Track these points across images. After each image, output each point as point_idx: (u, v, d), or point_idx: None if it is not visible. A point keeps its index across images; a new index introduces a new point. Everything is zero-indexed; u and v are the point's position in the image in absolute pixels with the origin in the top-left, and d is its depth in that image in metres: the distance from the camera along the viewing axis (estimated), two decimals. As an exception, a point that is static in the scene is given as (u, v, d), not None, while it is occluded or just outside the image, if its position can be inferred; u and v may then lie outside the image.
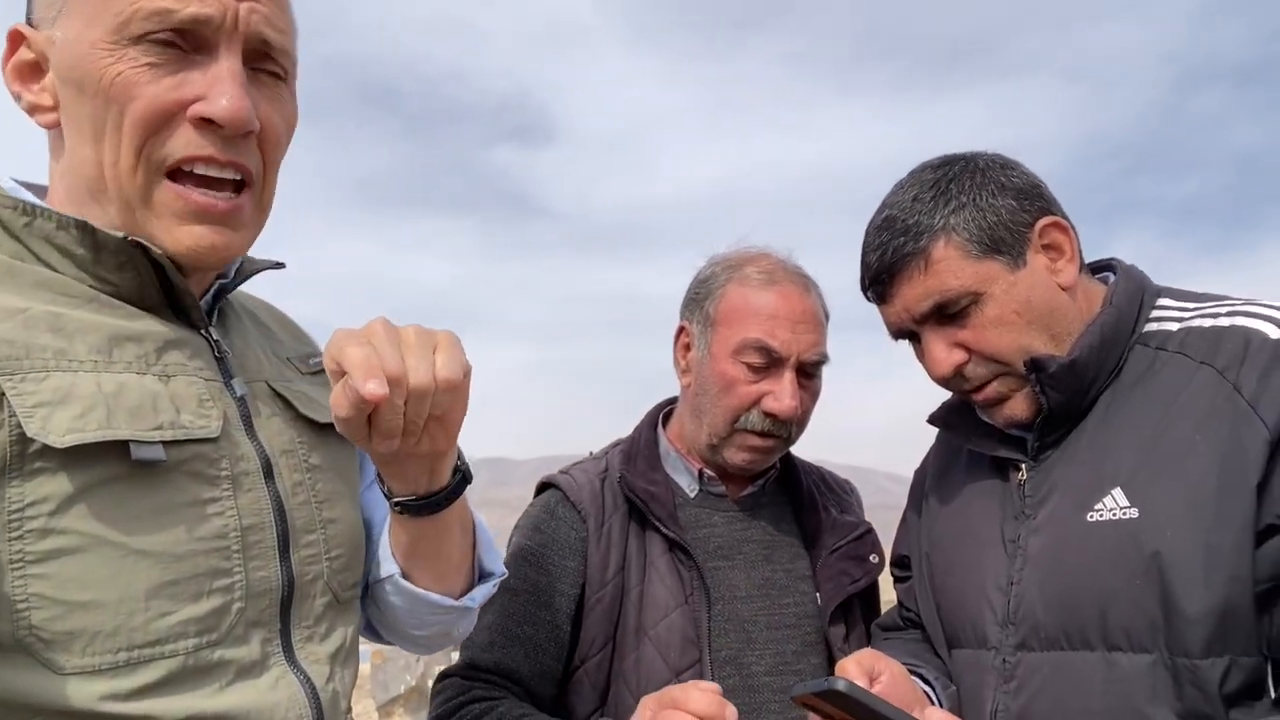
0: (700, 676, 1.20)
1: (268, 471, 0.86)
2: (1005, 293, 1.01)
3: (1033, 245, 1.02)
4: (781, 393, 1.23)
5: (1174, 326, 1.03)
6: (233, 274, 0.94)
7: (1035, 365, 1.01)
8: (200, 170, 0.80)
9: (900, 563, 1.35)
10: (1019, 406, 1.06)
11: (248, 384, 0.90)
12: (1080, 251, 1.06)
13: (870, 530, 1.42)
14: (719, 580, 1.26)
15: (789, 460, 1.44)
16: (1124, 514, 0.98)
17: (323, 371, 0.88)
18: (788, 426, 1.27)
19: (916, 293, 1.03)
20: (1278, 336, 0.95)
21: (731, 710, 0.96)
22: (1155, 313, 1.05)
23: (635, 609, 1.23)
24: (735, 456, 1.28)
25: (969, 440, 1.15)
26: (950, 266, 1.01)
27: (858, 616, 1.38)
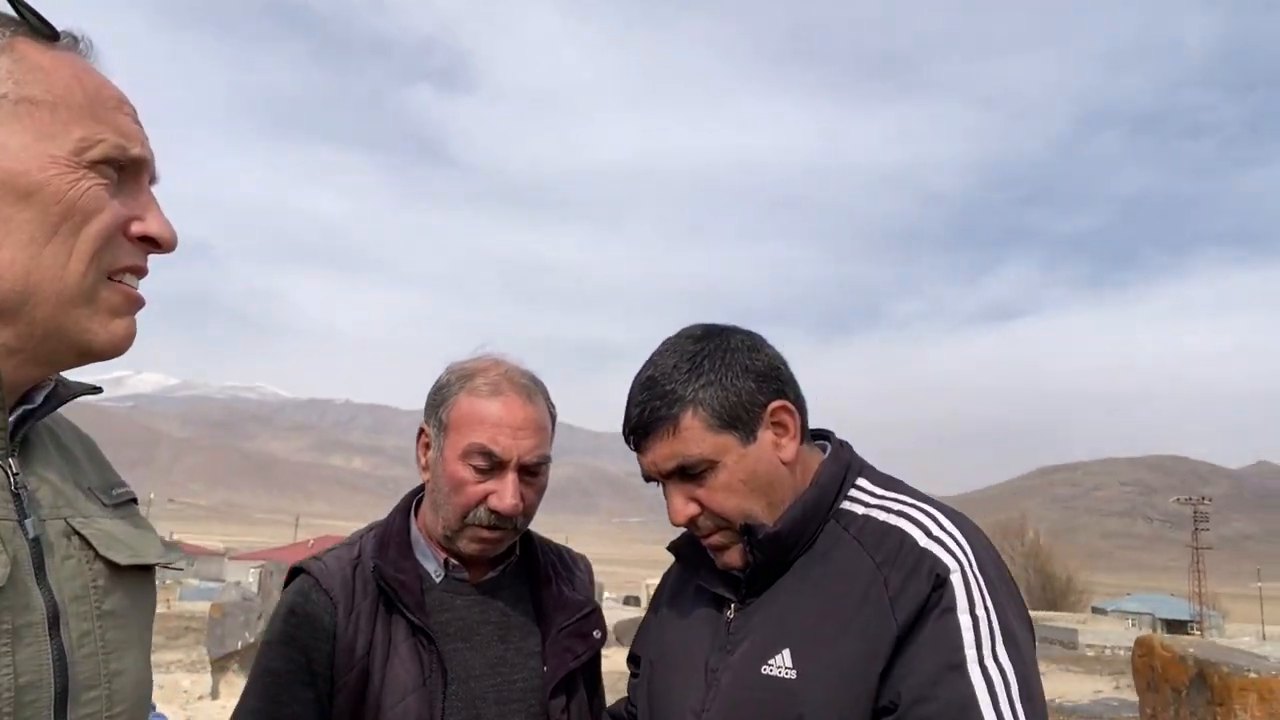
0: None
1: (54, 621, 0.82)
2: (736, 463, 1.16)
3: (764, 423, 1.17)
4: (504, 493, 1.38)
5: (860, 510, 1.18)
6: (41, 400, 0.92)
7: (747, 529, 1.19)
8: (129, 279, 0.91)
9: (633, 659, 1.52)
10: (734, 556, 1.22)
11: (45, 522, 0.86)
12: (803, 428, 1.22)
13: (596, 609, 1.57)
14: (456, 661, 1.38)
15: (529, 542, 1.60)
16: (787, 673, 1.11)
17: (128, 503, 0.90)
18: (512, 520, 1.42)
19: (664, 453, 1.19)
20: (924, 544, 1.10)
21: None
22: (853, 492, 1.21)
23: (376, 692, 1.33)
24: (467, 547, 1.43)
25: (696, 574, 1.32)
26: (694, 435, 1.16)
27: (580, 688, 1.53)
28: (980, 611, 1.06)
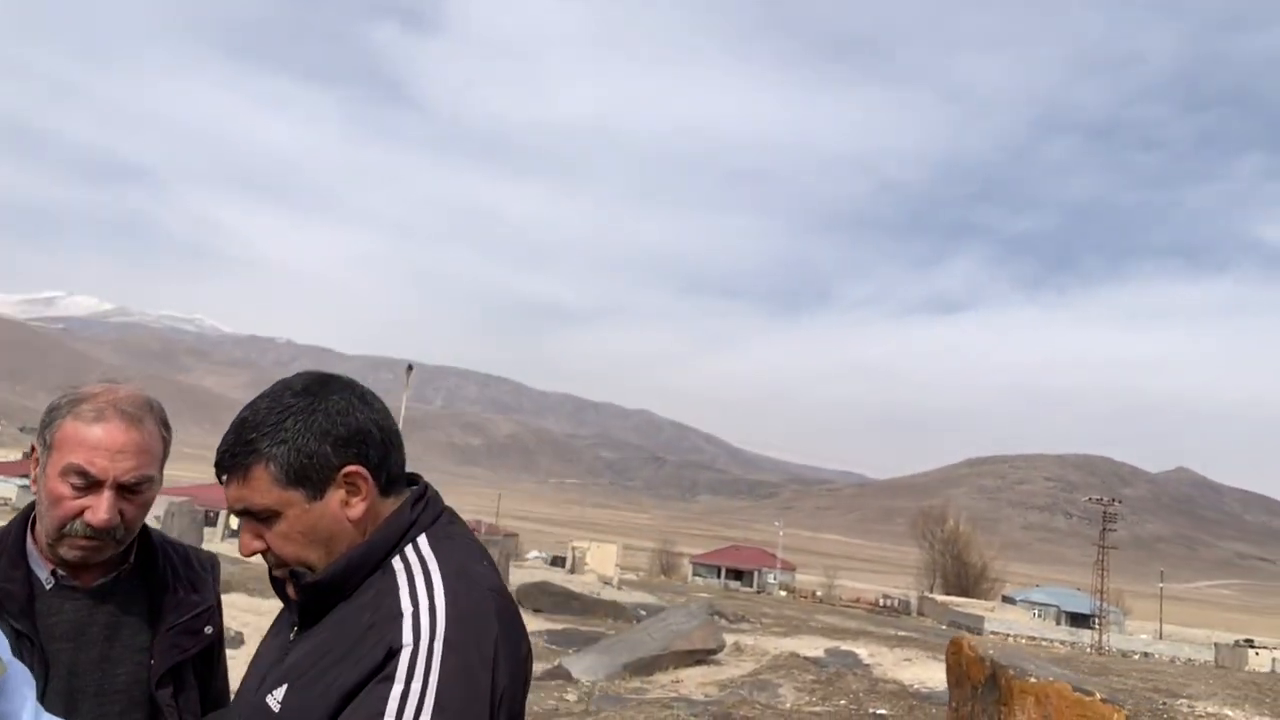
0: None
1: None
2: (297, 517, 1.28)
3: (335, 484, 1.28)
4: (98, 508, 1.53)
5: (399, 568, 1.27)
6: None
7: (294, 574, 1.32)
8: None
9: None
10: (294, 592, 1.35)
11: None
12: (387, 484, 1.32)
13: (210, 608, 1.75)
14: (59, 660, 1.56)
15: (151, 548, 1.73)
16: (276, 705, 1.25)
17: None
18: (109, 532, 1.56)
19: (234, 494, 1.32)
20: (401, 612, 1.21)
21: None
22: (407, 549, 1.29)
23: None
24: (67, 554, 1.58)
25: (278, 593, 1.42)
26: (259, 486, 1.28)
27: (192, 681, 1.71)
28: (415, 686, 1.16)
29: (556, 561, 63.98)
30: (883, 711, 9.21)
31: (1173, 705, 10.20)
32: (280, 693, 1.25)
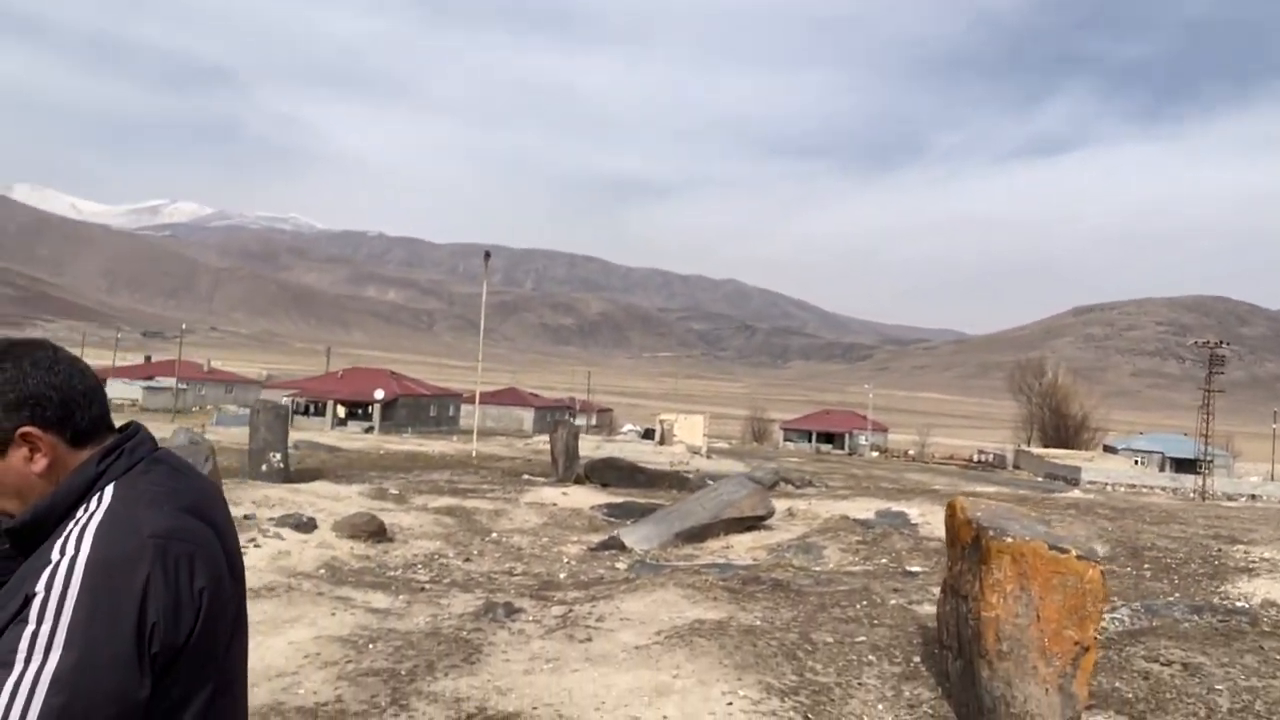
0: None
1: None
2: None
3: (15, 443, 1.42)
4: None
5: (77, 517, 1.39)
6: None
7: None
8: None
9: None
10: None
11: None
12: (59, 445, 1.44)
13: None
14: None
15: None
16: None
17: None
18: None
19: None
20: (50, 560, 1.32)
21: None
22: (92, 499, 1.42)
23: None
24: None
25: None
26: None
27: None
28: (45, 627, 1.25)
29: (648, 434, 65.58)
30: (915, 569, 9.41)
31: (1227, 551, 10.06)
32: None
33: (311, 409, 64.80)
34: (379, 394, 61.64)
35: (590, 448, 37.25)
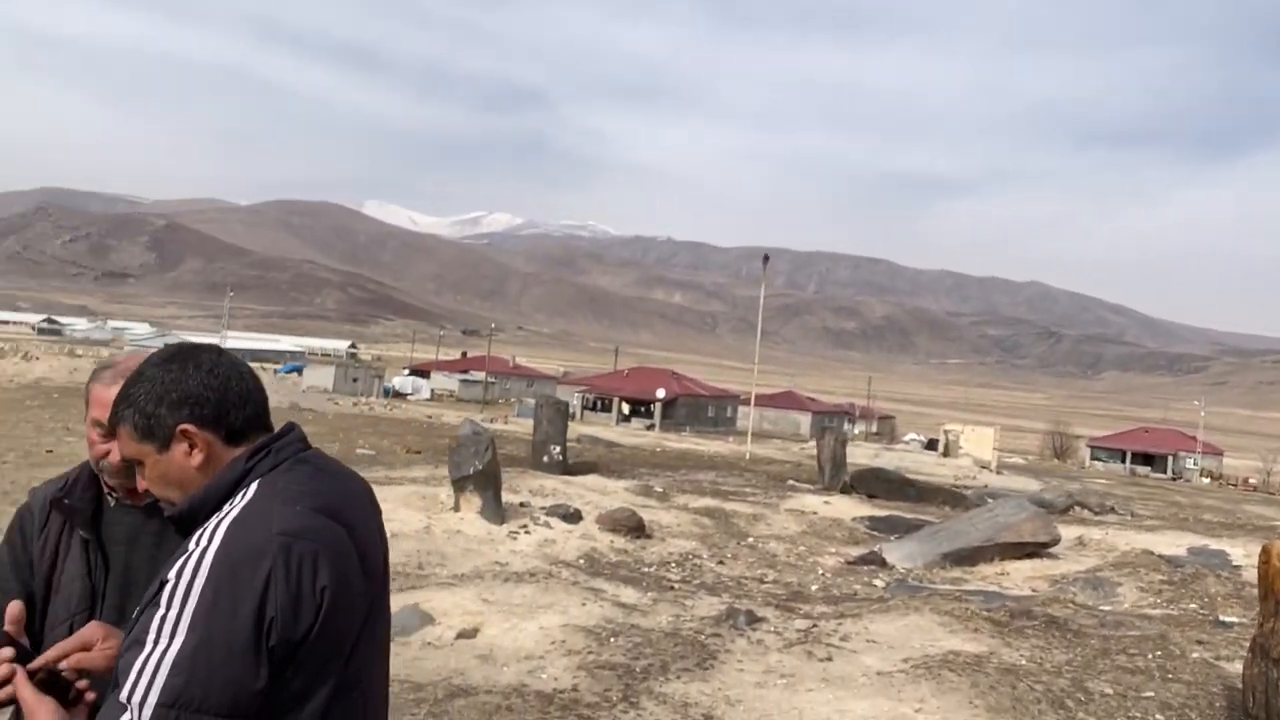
0: (92, 618, 1.82)
1: None
2: (153, 466, 1.57)
3: (176, 439, 1.54)
4: (114, 453, 1.81)
5: (224, 509, 1.50)
6: None
7: (150, 508, 1.72)
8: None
9: None
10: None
11: None
12: (214, 442, 1.56)
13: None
14: (117, 560, 1.96)
15: None
16: (131, 617, 1.46)
17: None
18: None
19: (116, 447, 1.67)
20: (188, 549, 1.42)
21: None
22: (238, 494, 1.52)
23: (58, 579, 1.95)
24: (108, 483, 1.96)
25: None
26: (125, 441, 1.59)
27: None
28: (173, 612, 1.35)
29: (931, 445, 62.25)
30: (1230, 619, 8.01)
31: None
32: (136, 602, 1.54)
33: (599, 405, 68.72)
34: (660, 393, 63.98)
35: (867, 456, 36.04)
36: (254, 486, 1.53)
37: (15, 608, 1.61)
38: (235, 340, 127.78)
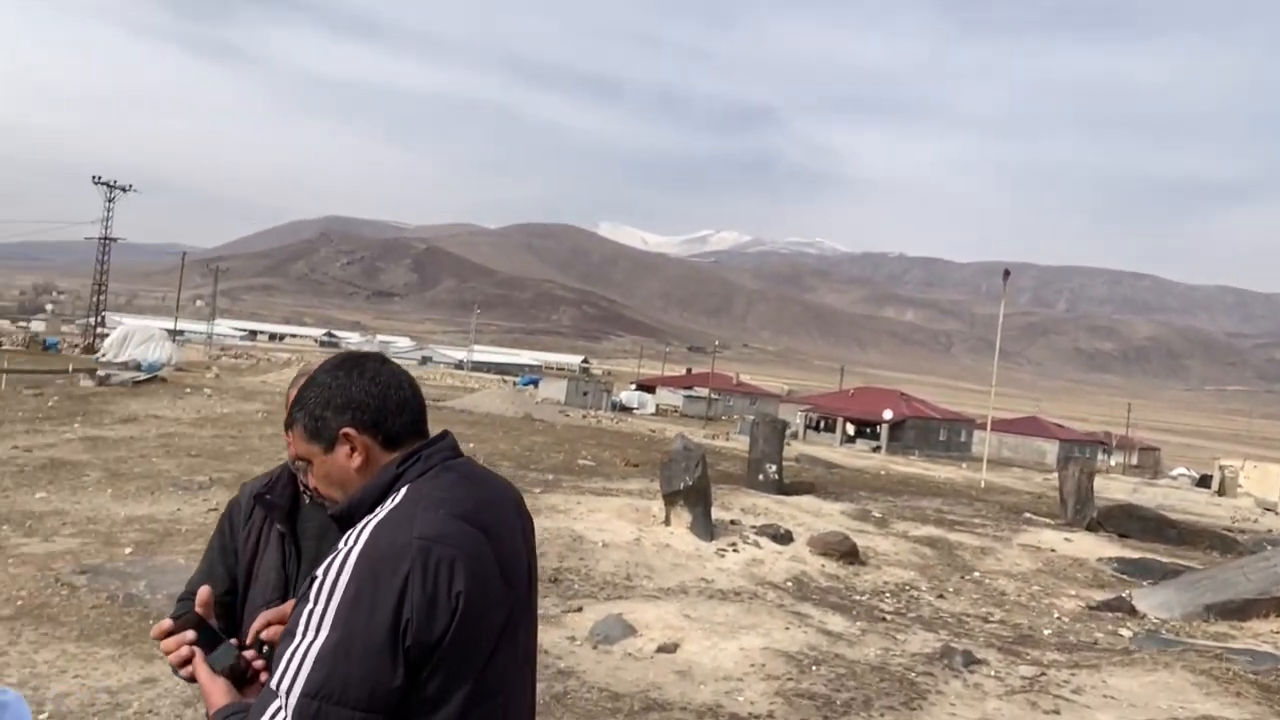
0: (284, 601, 1.93)
1: None
2: (319, 466, 1.68)
3: (339, 441, 1.64)
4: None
5: (377, 510, 1.57)
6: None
7: (320, 505, 1.82)
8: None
9: None
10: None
11: None
12: (372, 446, 1.65)
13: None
14: (308, 551, 2.09)
15: None
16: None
17: None
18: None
19: (291, 444, 1.75)
20: (340, 547, 1.49)
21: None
22: (388, 498, 1.60)
23: (258, 568, 2.11)
24: (303, 485, 1.98)
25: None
26: (296, 441, 1.70)
27: None
28: (319, 606, 1.42)
29: (1203, 481, 55.34)
30: None
31: None
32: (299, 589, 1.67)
33: (822, 425, 67.27)
34: (887, 414, 61.62)
35: (1124, 490, 32.70)
36: (403, 491, 1.60)
37: (204, 592, 1.78)
38: (480, 354, 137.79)
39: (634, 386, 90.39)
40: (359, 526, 1.54)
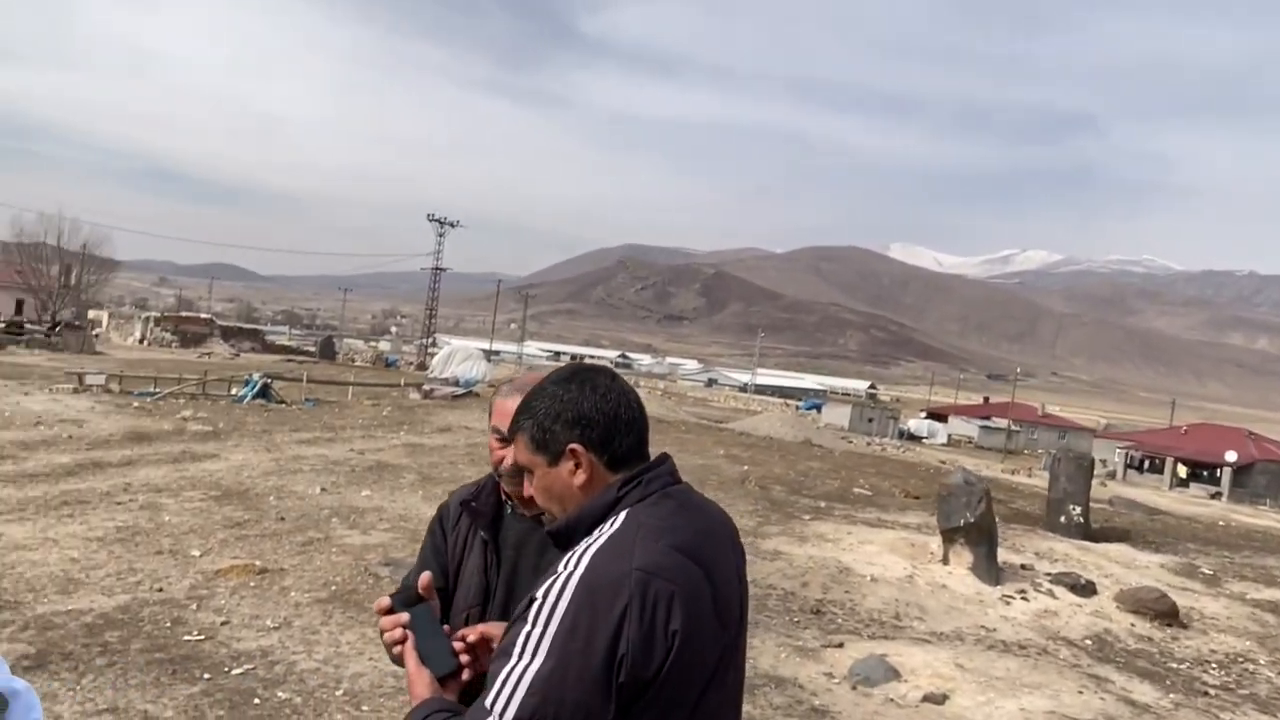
0: (485, 611, 2.05)
1: None
2: (541, 477, 1.64)
3: (565, 456, 1.59)
4: (509, 457, 1.92)
5: (596, 533, 1.53)
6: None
7: (537, 519, 1.84)
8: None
9: None
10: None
11: None
12: (597, 465, 1.60)
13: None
14: (508, 560, 2.13)
15: None
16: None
17: None
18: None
19: (511, 454, 1.76)
20: (558, 571, 1.45)
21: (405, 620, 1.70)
22: (607, 520, 1.55)
23: (461, 572, 2.16)
24: (506, 489, 2.09)
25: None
26: (520, 449, 1.67)
27: None
28: (537, 630, 1.39)
29: None
30: None
31: None
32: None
33: (1147, 465, 59.79)
34: (1230, 456, 53.37)
35: None
36: (622, 516, 1.54)
37: (427, 576, 1.82)
38: (764, 377, 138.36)
39: (924, 414, 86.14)
40: (579, 550, 1.50)
